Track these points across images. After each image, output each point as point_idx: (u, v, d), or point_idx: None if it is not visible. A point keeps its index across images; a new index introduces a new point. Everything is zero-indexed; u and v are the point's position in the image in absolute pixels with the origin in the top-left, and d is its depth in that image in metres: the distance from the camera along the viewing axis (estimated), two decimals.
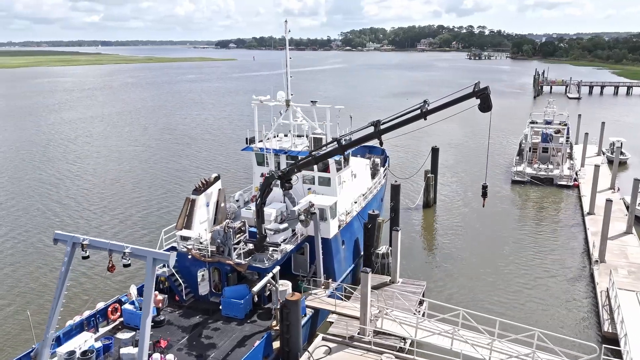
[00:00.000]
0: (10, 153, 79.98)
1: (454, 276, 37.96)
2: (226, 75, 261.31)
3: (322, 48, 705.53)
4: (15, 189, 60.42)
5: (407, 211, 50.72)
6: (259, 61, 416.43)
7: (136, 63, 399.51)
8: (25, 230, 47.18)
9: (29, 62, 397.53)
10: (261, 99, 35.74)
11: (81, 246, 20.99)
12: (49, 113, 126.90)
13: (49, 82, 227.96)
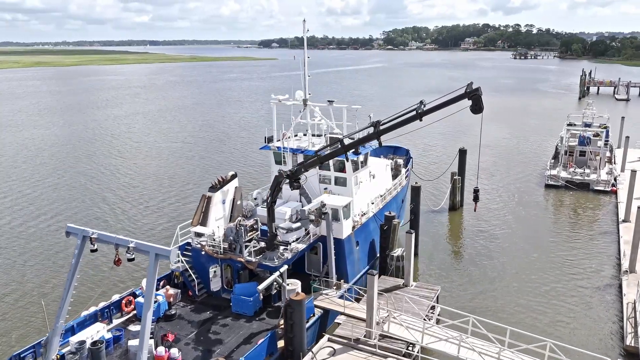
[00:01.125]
0: (57, 147, 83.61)
1: (473, 282, 37.03)
2: (266, 74, 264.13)
3: (364, 47, 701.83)
4: (57, 182, 63.13)
5: (430, 214, 49.83)
6: (299, 60, 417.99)
7: (181, 62, 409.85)
8: (57, 221, 49.21)
9: (82, 61, 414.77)
10: (279, 98, 35.94)
11: (90, 240, 21.72)
12: (96, 110, 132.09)
13: (98, 80, 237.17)
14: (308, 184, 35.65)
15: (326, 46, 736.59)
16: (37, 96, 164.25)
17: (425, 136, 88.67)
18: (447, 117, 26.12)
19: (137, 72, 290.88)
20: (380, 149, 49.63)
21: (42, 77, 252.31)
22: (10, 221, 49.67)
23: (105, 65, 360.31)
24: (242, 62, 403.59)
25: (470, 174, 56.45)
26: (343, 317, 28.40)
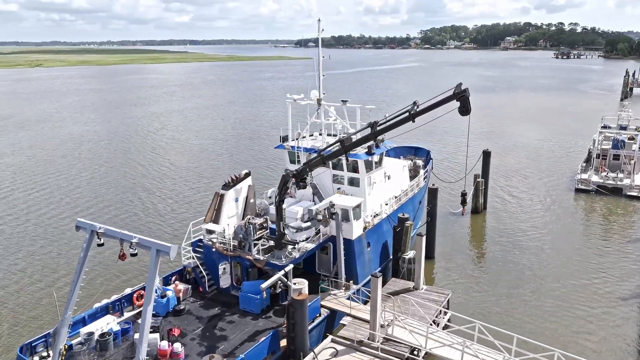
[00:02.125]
0: (95, 143, 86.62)
1: (489, 287, 36.14)
2: (300, 74, 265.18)
3: (400, 46, 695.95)
4: (91, 176, 65.34)
5: (451, 216, 48.92)
6: (334, 59, 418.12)
7: (218, 61, 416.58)
8: (77, 213, 50.93)
9: (124, 60, 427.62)
10: (295, 98, 36.03)
11: (97, 234, 22.38)
12: (134, 107, 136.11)
13: (138, 78, 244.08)
14: (322, 183, 35.76)
15: (362, 45, 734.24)
16: (80, 94, 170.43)
17: (448, 137, 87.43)
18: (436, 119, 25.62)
19: (176, 71, 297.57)
20: (400, 149, 49.51)
21: (86, 76, 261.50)
22: (45, 213, 51.70)
23: (145, 64, 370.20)
24: (278, 61, 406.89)
25: (494, 177, 55.21)
26: (349, 318, 28.26)
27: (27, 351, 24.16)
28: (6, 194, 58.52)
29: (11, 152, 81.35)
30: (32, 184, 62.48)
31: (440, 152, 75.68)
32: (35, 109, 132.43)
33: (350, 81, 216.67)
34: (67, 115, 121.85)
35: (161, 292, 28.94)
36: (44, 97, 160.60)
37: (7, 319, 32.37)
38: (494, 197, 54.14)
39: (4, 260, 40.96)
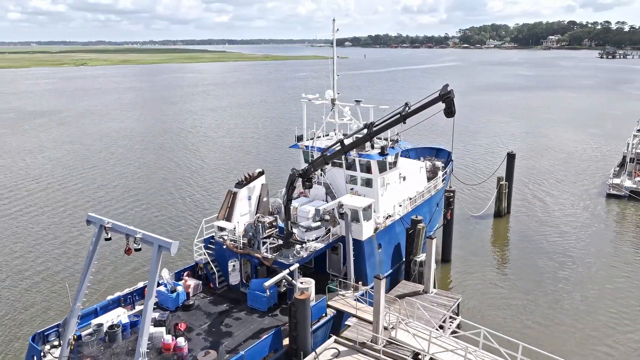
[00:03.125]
0: (130, 139, 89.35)
1: (507, 294, 35.22)
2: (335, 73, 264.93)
3: (438, 46, 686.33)
4: (123, 170, 67.44)
5: (472, 219, 47.97)
6: (370, 59, 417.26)
7: (255, 61, 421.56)
8: (104, 207, 52.52)
9: (163, 59, 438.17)
10: (309, 98, 36.10)
11: (104, 229, 23.06)
12: (170, 105, 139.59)
13: (176, 77, 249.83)
14: (335, 184, 35.75)
15: (399, 44, 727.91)
16: (120, 92, 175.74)
17: (472, 138, 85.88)
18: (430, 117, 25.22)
19: (213, 70, 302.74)
20: (421, 150, 48.91)
21: (126, 74, 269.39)
22: (76, 206, 53.65)
23: (184, 64, 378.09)
24: (313, 60, 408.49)
25: (521, 180, 53.77)
26: (354, 319, 28.12)
27: (39, 340, 25.15)
28: (45, 187, 60.97)
29: (52, 146, 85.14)
30: (69, 178, 64.98)
31: (465, 154, 74.47)
32: (77, 106, 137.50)
33: (384, 80, 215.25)
34: (106, 112, 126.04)
35: (171, 286, 29.55)
36: (86, 94, 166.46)
37: (22, 308, 33.81)
38: (518, 201, 52.75)
39: (29, 251, 42.74)
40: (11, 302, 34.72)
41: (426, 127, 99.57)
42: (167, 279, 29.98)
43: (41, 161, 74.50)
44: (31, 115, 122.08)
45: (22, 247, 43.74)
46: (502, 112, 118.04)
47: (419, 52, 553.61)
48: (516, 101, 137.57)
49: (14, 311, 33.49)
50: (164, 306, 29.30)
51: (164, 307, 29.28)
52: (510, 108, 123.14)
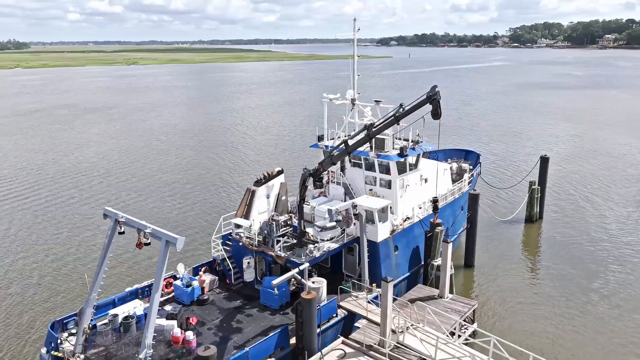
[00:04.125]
0: (172, 136, 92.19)
1: (530, 303, 33.92)
2: (377, 72, 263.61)
3: (486, 45, 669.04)
4: (161, 165, 69.66)
5: (501, 224, 46.55)
6: (414, 58, 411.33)
7: (299, 60, 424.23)
8: (126, 202, 54.27)
9: (210, 59, 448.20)
10: (330, 97, 36.06)
11: (118, 223, 23.88)
12: (213, 103, 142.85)
13: (220, 76, 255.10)
14: (355, 184, 35.57)
15: (446, 44, 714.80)
16: (167, 90, 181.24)
17: (507, 140, 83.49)
18: None
19: (258, 70, 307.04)
20: (450, 151, 47.94)
21: (174, 73, 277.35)
22: (108, 200, 55.88)
23: (229, 63, 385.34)
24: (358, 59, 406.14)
25: (552, 184, 51.71)
26: (364, 321, 27.90)
27: (59, 327, 26.31)
28: (88, 179, 63.77)
29: (100, 141, 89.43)
30: (110, 172, 67.86)
31: (497, 156, 72.63)
32: (126, 103, 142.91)
33: (427, 79, 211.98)
34: (152, 109, 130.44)
35: (187, 281, 30.23)
36: (134, 92, 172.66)
37: (47, 297, 35.51)
38: (552, 207, 50.81)
39: (60, 241, 44.79)
40: (36, 290, 36.53)
41: (459, 127, 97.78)
42: (184, 273, 30.70)
43: (87, 155, 77.95)
44: (83, 111, 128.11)
45: (56, 237, 45.91)
46: (547, 113, 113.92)
47: (465, 52, 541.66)
48: (563, 102, 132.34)
49: (37, 299, 35.21)
50: (180, 300, 30.04)
51: (180, 301, 30.02)
52: (555, 109, 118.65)
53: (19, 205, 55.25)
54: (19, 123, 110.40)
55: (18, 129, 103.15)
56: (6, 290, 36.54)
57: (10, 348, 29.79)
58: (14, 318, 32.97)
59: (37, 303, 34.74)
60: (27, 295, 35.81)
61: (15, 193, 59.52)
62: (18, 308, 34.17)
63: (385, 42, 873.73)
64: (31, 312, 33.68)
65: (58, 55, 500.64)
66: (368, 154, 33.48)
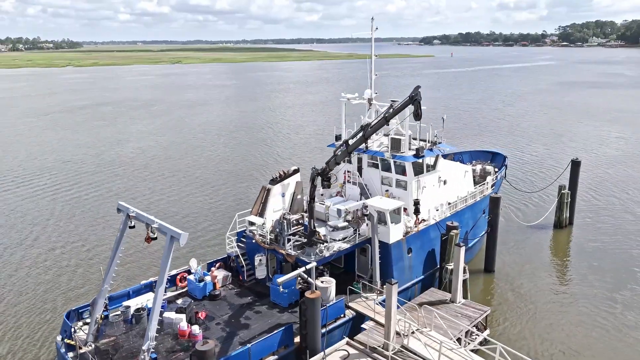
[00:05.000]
0: (206, 133, 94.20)
1: (550, 312, 32.62)
2: (417, 72, 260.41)
3: (534, 44, 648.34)
4: (193, 161, 71.29)
5: (524, 229, 44.99)
6: (457, 57, 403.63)
7: (339, 59, 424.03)
8: (154, 197, 55.64)
9: (252, 58, 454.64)
10: (348, 97, 35.90)
11: (129, 217, 24.61)
12: (251, 102, 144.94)
13: (262, 75, 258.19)
14: (371, 185, 35.32)
15: (491, 43, 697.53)
16: (208, 88, 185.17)
17: (541, 141, 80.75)
18: None
19: (298, 69, 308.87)
20: (476, 153, 46.88)
21: (216, 72, 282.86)
22: (130, 195, 57.72)
23: (270, 62, 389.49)
24: (397, 59, 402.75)
25: (583, 189, 49.60)
26: (371, 322, 27.68)
27: (74, 316, 27.35)
28: (125, 173, 66.05)
29: (139, 137, 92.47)
30: (147, 167, 70.12)
31: (525, 159, 70.54)
32: (167, 101, 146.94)
33: (468, 79, 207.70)
34: (191, 107, 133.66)
35: (200, 276, 30.80)
36: (176, 90, 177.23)
37: (67, 288, 36.82)
38: (583, 212, 48.75)
39: (86, 235, 46.48)
40: (71, 276, 38.12)
41: (498, 128, 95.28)
42: (197, 268, 31.31)
43: (126, 150, 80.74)
44: (127, 108, 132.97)
45: (92, 227, 47.74)
46: (591, 114, 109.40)
47: (511, 51, 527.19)
48: (611, 102, 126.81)
49: (57, 289, 36.62)
50: (192, 294, 30.65)
51: (192, 295, 30.63)
52: (601, 110, 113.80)
53: (60, 196, 57.82)
54: (65, 119, 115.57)
55: (64, 124, 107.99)
56: (42, 276, 38.18)
57: (30, 335, 31.04)
58: (38, 304, 34.43)
59: (63, 291, 36.15)
60: (49, 285, 37.24)
61: (56, 184, 62.42)
62: (44, 296, 35.69)
63: (428, 41, 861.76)
64: (57, 299, 35.10)
65: (107, 55, 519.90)
66: (384, 154, 33.17)
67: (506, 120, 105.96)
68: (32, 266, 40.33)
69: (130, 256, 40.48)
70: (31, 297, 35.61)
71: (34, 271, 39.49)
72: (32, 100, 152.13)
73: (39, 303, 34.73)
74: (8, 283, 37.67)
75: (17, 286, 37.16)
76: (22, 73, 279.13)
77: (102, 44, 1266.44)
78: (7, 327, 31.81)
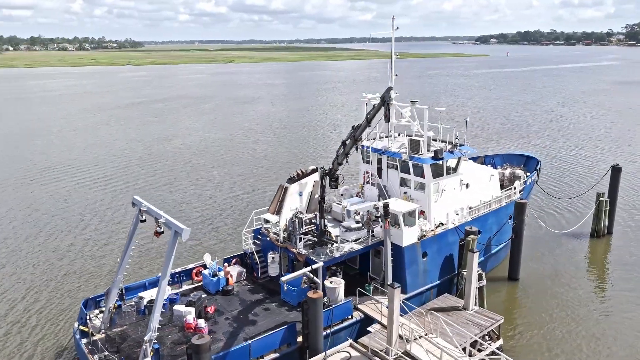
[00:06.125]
0: (247, 130, 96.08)
1: (571, 326, 30.90)
2: (469, 71, 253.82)
3: (598, 43, 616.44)
4: (233, 158, 72.89)
5: (557, 237, 42.86)
6: (513, 57, 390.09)
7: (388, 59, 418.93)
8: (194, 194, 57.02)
9: (303, 57, 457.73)
10: (369, 97, 35.48)
11: (140, 211, 25.45)
12: (297, 100, 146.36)
13: (312, 74, 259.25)
14: (390, 186, 34.82)
15: (551, 42, 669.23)
16: (256, 87, 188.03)
17: (581, 145, 76.62)
18: None
19: (348, 68, 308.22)
20: (508, 156, 45.25)
21: (268, 71, 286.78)
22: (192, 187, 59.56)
23: (321, 62, 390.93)
24: (450, 58, 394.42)
25: (624, 197, 46.70)
26: (378, 326, 27.32)
27: (92, 305, 28.60)
28: (166, 169, 68.49)
29: (186, 133, 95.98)
30: (188, 162, 72.63)
31: (563, 163, 67.30)
32: (216, 98, 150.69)
33: (523, 79, 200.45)
34: (239, 105, 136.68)
35: (214, 271, 31.41)
36: (226, 89, 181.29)
37: (89, 277, 38.43)
38: (624, 221, 45.94)
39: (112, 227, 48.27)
40: (79, 269, 39.76)
41: (548, 130, 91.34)
42: (212, 263, 31.95)
43: (171, 146, 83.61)
44: (177, 105, 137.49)
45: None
46: None
47: (572, 50, 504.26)
48: None
49: (78, 278, 38.31)
50: (207, 289, 31.30)
51: (207, 289, 31.29)
52: None
53: (109, 187, 60.90)
54: (120, 114, 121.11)
55: (119, 119, 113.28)
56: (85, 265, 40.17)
57: (51, 320, 32.64)
58: (64, 292, 36.24)
59: (83, 283, 37.82)
60: (71, 274, 39.01)
61: (105, 176, 65.69)
62: (72, 284, 37.53)
63: (485, 40, 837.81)
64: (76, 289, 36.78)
65: (165, 54, 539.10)
66: (401, 155, 32.60)
67: (558, 122, 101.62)
68: (73, 252, 42.53)
69: (152, 249, 41.80)
70: (65, 279, 37.64)
71: (78, 257, 41.68)
72: (92, 96, 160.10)
73: (68, 289, 36.55)
74: (56, 266, 40.18)
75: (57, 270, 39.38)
76: (86, 71, 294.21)
77: (162, 43, 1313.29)
78: (38, 309, 33.66)
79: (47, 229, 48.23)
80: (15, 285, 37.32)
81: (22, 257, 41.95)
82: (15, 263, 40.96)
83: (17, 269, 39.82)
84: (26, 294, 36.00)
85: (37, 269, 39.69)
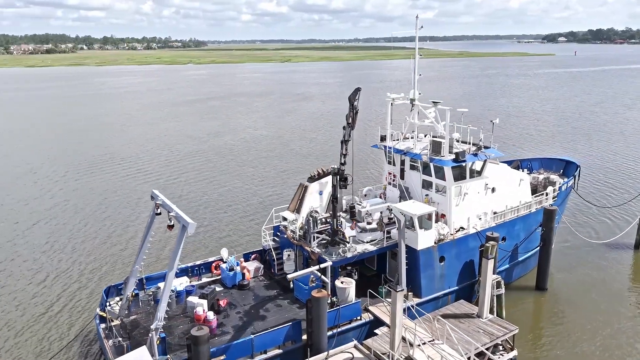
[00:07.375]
0: (287, 130, 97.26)
1: (602, 342, 29.16)
2: (530, 71, 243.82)
3: None
4: (266, 154, 74.14)
5: (595, 247, 40.51)
6: (581, 56, 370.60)
7: (448, 57, 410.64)
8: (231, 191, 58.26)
9: (360, 56, 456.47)
10: (393, 97, 34.99)
11: (156, 205, 26.47)
12: (342, 100, 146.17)
13: (365, 73, 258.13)
14: (412, 188, 34.23)
15: (625, 40, 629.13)
16: (308, 86, 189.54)
17: (631, 153, 71.45)
18: None
19: (402, 67, 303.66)
20: (547, 161, 43.30)
21: (322, 70, 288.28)
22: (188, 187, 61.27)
23: (377, 60, 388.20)
24: (512, 57, 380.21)
25: None
26: (385, 329, 26.92)
27: (114, 292, 30.03)
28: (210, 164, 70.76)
29: (237, 130, 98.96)
30: (236, 158, 74.63)
31: (606, 169, 63.24)
32: (268, 97, 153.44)
33: (589, 80, 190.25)
34: (290, 103, 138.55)
35: (231, 265, 32.11)
36: (279, 88, 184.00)
37: (111, 267, 40.17)
38: None
39: None
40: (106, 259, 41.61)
41: (607, 134, 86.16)
42: (230, 258, 32.68)
43: (222, 142, 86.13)
44: (232, 103, 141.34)
45: None
46: None
47: None
48: None
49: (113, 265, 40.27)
50: (224, 282, 32.07)
51: (224, 283, 32.05)
52: None
53: (161, 179, 63.86)
54: (178, 111, 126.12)
55: (175, 115, 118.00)
56: (106, 254, 42.35)
57: (78, 305, 34.60)
58: (97, 279, 38.22)
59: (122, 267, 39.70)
60: (99, 263, 40.88)
61: (157, 170, 68.68)
62: (106, 269, 39.54)
63: (552, 39, 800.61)
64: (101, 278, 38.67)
65: (225, 53, 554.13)
66: (421, 156, 31.93)
67: (623, 125, 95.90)
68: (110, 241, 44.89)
69: None
70: (91, 269, 39.73)
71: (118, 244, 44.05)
72: (154, 94, 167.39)
73: (97, 277, 38.55)
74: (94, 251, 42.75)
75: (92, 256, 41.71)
76: (151, 69, 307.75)
77: (224, 43, 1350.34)
78: (68, 292, 35.77)
79: (97, 215, 51.22)
80: (54, 266, 39.93)
81: (68, 240, 44.99)
82: (64, 244, 44.14)
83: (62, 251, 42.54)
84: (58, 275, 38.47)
85: (74, 254, 42.18)
